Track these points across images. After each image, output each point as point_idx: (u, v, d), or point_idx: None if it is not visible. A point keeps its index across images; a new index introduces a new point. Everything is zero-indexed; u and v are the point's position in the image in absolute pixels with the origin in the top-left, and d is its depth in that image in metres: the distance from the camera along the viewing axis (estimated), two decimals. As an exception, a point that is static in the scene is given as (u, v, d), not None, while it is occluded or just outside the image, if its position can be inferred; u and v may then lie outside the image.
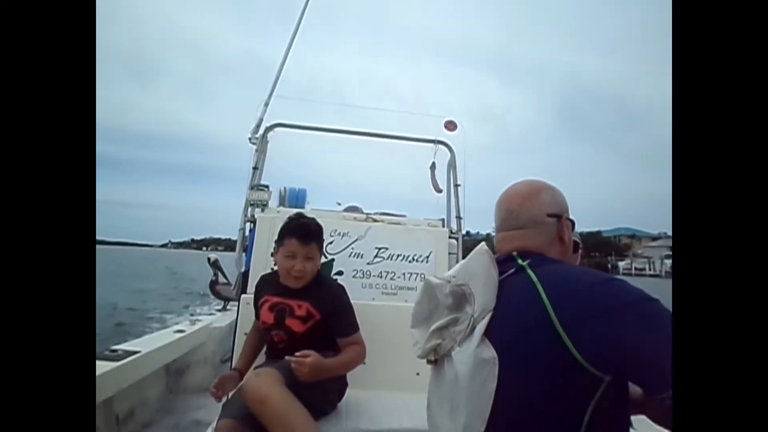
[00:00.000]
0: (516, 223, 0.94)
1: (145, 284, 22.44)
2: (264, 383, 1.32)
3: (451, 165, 2.23)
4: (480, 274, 0.88)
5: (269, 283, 1.70)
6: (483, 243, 0.94)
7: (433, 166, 2.27)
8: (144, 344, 2.78)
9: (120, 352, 2.49)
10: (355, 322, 1.62)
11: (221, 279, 4.82)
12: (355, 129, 2.21)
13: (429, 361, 0.95)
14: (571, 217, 0.98)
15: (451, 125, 2.18)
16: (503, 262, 0.91)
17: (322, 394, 1.50)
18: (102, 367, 2.21)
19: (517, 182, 1.00)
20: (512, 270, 0.88)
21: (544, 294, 0.79)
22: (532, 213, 0.94)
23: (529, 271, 0.85)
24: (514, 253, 0.91)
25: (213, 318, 4.05)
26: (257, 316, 1.68)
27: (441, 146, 2.25)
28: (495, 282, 0.87)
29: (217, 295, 4.76)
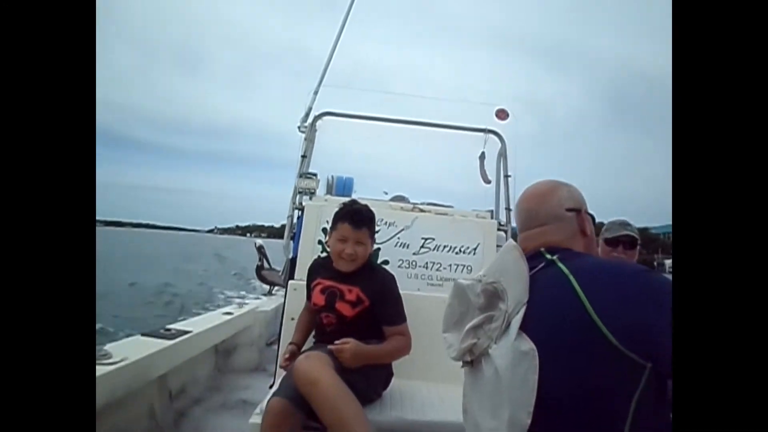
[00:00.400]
0: (537, 221, 0.97)
1: (195, 266, 23.58)
2: (315, 366, 1.35)
3: (502, 155, 2.16)
4: (510, 270, 0.89)
5: (323, 267, 1.74)
6: (510, 240, 0.95)
7: (482, 156, 2.21)
8: (195, 325, 2.91)
9: (173, 331, 2.61)
10: (403, 312, 1.63)
11: (266, 264, 4.96)
12: (403, 118, 2.19)
13: (465, 363, 0.96)
14: (590, 211, 1.00)
15: (502, 114, 2.10)
16: (531, 258, 0.92)
17: (369, 382, 1.51)
18: (157, 345, 2.32)
19: (533, 183, 1.04)
20: (542, 264, 0.90)
21: (576, 284, 0.80)
22: (551, 209, 0.96)
23: (560, 264, 0.86)
24: (542, 249, 0.92)
25: (259, 302, 4.17)
26: (308, 297, 1.72)
27: (491, 136, 2.19)
28: (526, 276, 0.88)
29: (263, 279, 4.89)
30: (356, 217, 1.65)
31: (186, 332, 2.63)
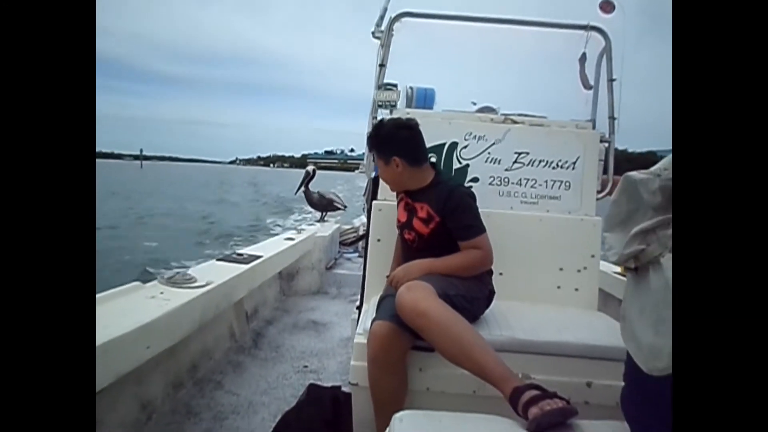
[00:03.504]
0: None
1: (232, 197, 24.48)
2: (420, 296, 1.29)
3: (606, 56, 1.91)
4: None
5: None
6: None
7: (583, 58, 1.96)
8: (261, 250, 2.93)
9: (246, 256, 2.62)
10: (476, 224, 1.50)
11: (312, 190, 4.90)
12: (491, 16, 1.93)
13: (628, 269, 0.84)
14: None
15: (607, 6, 1.82)
16: None
17: (470, 300, 1.46)
18: (235, 269, 2.33)
19: None
20: None
21: None
22: None
23: None
24: None
25: (315, 228, 4.19)
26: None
27: (594, 33, 1.92)
28: None
29: (315, 205, 4.84)
30: (367, 141, 1.68)
31: (258, 257, 2.64)
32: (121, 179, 37.45)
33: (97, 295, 1.59)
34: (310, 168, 4.83)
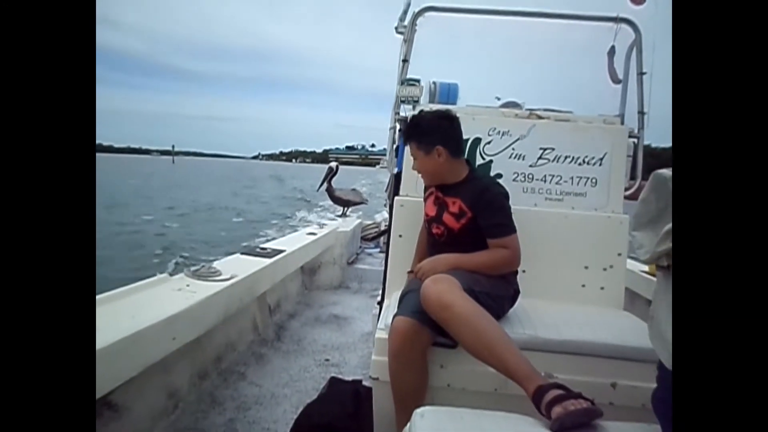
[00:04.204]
0: None
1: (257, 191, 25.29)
2: (445, 289, 1.28)
3: (636, 48, 1.85)
4: None
5: None
6: None
7: (611, 51, 1.91)
8: (284, 244, 2.96)
9: (269, 250, 2.66)
10: (508, 224, 1.49)
11: (334, 185, 4.93)
12: (516, 9, 1.90)
13: (659, 267, 0.82)
14: None
15: None
16: None
17: (494, 298, 1.44)
18: (259, 263, 2.37)
19: None
20: None
21: None
22: None
23: None
24: None
25: (337, 223, 4.22)
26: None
27: (623, 26, 1.86)
28: None
29: (337, 201, 4.88)
30: (404, 132, 1.62)
31: (281, 251, 2.67)
32: (163, 173, 38.69)
33: (125, 287, 1.64)
34: (333, 164, 4.85)
